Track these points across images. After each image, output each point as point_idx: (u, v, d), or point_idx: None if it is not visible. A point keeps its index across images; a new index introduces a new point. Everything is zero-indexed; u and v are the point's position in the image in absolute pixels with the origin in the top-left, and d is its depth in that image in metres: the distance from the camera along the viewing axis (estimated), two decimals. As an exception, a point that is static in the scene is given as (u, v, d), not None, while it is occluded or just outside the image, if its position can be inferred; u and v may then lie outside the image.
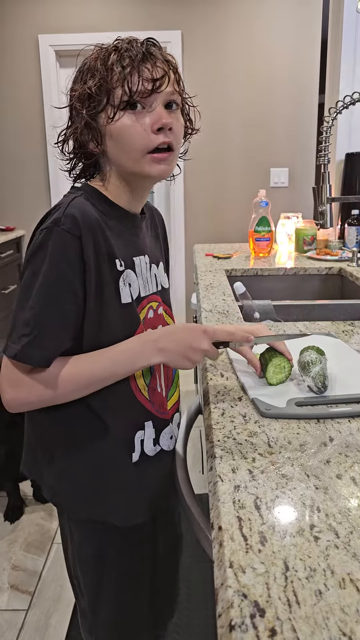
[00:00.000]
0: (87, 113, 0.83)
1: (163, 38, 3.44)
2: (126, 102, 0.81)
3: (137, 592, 1.02)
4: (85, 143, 0.87)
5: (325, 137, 1.65)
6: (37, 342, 0.76)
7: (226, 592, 0.47)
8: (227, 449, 0.71)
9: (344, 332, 1.24)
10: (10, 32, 3.50)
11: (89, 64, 0.85)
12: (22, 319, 0.77)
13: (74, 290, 0.78)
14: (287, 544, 0.52)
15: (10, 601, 1.69)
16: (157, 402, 0.93)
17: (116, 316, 0.84)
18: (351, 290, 1.95)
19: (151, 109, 0.82)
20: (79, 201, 0.81)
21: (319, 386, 0.87)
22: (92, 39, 3.55)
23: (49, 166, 3.68)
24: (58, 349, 0.79)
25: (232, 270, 2.04)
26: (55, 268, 0.76)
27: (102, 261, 0.81)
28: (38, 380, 0.79)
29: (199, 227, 3.74)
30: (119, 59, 0.81)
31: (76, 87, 0.85)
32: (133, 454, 0.90)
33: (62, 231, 0.76)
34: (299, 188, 3.65)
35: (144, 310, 0.92)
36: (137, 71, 0.80)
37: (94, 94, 0.82)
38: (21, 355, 0.76)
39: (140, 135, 0.82)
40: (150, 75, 0.81)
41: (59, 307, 0.77)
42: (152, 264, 0.96)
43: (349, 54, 2.61)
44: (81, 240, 0.77)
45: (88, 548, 0.96)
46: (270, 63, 3.48)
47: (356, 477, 0.63)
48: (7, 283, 3.48)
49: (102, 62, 0.82)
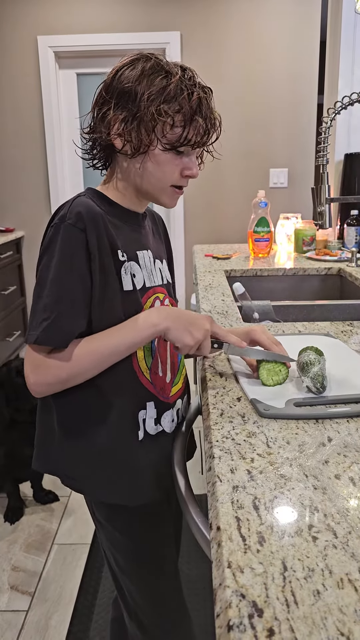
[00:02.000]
0: (154, 114, 0.85)
1: (162, 39, 3.45)
2: (181, 145, 0.88)
3: (166, 572, 1.04)
4: (118, 135, 0.89)
5: (324, 138, 1.66)
6: (56, 324, 0.82)
7: (224, 592, 0.47)
8: (226, 449, 0.71)
9: (343, 332, 1.24)
10: (10, 34, 3.50)
11: (173, 84, 0.85)
12: (41, 306, 0.84)
13: (83, 277, 0.85)
14: (285, 544, 0.52)
15: (10, 602, 1.69)
16: (158, 385, 0.97)
17: (118, 302, 0.89)
18: (350, 291, 1.95)
19: (188, 154, 0.91)
20: (83, 199, 0.88)
21: (317, 387, 0.87)
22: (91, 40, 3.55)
23: (48, 167, 3.68)
24: (74, 330, 0.85)
25: (231, 271, 2.04)
26: (65, 259, 0.84)
27: (105, 251, 0.87)
28: (56, 360, 0.84)
29: (198, 227, 3.74)
30: (199, 108, 0.86)
31: (152, 84, 0.86)
32: (139, 432, 0.94)
33: (68, 226, 0.84)
34: (298, 188, 3.66)
35: (150, 299, 0.97)
36: (204, 125, 0.88)
37: (167, 112, 0.85)
38: (42, 338, 0.82)
39: (172, 175, 0.91)
40: (206, 127, 0.88)
41: (71, 293, 0.84)
42: (156, 259, 1.01)
43: (347, 55, 2.61)
44: (86, 233, 0.84)
45: (114, 527, 1.00)
46: (269, 64, 3.49)
47: (354, 477, 0.64)
48: (7, 284, 3.48)
49: (186, 94, 0.85)
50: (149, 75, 0.85)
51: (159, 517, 1.03)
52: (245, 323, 1.36)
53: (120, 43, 3.45)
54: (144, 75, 0.86)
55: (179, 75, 0.86)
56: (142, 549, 1.01)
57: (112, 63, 0.92)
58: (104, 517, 1.01)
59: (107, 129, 0.89)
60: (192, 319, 0.89)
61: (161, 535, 1.04)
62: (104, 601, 1.65)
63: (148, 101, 0.84)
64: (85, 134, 0.94)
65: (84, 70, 3.64)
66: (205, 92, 0.88)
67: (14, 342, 3.51)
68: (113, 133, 0.89)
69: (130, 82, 0.86)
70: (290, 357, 0.94)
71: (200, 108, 0.86)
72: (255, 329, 0.99)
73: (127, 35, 3.46)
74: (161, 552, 1.03)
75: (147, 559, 1.01)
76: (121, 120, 0.87)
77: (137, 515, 0.99)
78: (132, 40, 3.45)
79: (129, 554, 1.01)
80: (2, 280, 3.41)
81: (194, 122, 0.86)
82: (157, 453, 0.97)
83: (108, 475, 0.94)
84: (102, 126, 0.90)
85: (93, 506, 1.03)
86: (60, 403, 0.93)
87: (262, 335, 0.98)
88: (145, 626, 1.04)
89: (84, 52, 3.53)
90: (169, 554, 1.05)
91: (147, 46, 3.42)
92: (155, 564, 1.02)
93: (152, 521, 1.01)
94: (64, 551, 1.91)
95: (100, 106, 0.90)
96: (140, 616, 1.04)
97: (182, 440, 0.97)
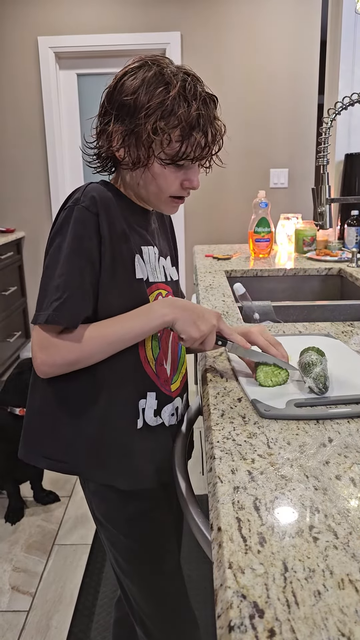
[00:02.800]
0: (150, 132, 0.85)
1: (162, 39, 3.45)
2: (180, 159, 0.87)
3: (168, 574, 1.04)
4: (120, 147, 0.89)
5: (325, 138, 1.66)
6: (67, 305, 0.83)
7: (225, 592, 0.47)
8: (227, 450, 0.71)
9: (343, 332, 1.24)
10: (10, 34, 3.51)
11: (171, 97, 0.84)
12: (53, 285, 0.84)
13: (93, 260, 0.86)
14: (286, 545, 0.52)
15: (11, 602, 1.69)
16: (162, 376, 0.98)
17: (128, 289, 0.90)
18: (351, 291, 1.95)
19: (189, 166, 0.91)
20: (96, 185, 0.90)
21: (320, 387, 0.87)
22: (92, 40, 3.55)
23: (49, 168, 3.68)
24: (83, 312, 0.86)
25: (231, 271, 2.04)
26: (77, 240, 0.85)
27: (117, 237, 0.88)
28: (65, 340, 0.85)
29: (198, 228, 3.74)
30: (198, 123, 0.85)
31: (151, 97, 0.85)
32: (138, 420, 0.94)
33: (82, 208, 0.85)
34: (299, 189, 3.66)
35: (153, 295, 0.97)
36: (204, 140, 0.87)
37: (164, 129, 0.84)
38: (53, 317, 0.83)
39: (171, 187, 0.92)
40: (206, 141, 0.87)
41: (82, 275, 0.85)
42: (161, 257, 1.02)
43: (347, 55, 2.61)
44: (98, 217, 0.85)
45: (114, 526, 1.00)
46: (269, 64, 3.49)
47: (355, 478, 0.64)
48: (7, 285, 3.48)
49: (183, 109, 0.84)
50: (148, 87, 0.85)
51: (159, 517, 1.03)
52: (246, 323, 1.36)
53: (120, 44, 3.46)
54: (144, 86, 0.85)
55: (177, 87, 0.84)
56: (142, 549, 1.00)
57: (112, 64, 0.93)
58: (103, 515, 1.01)
59: (108, 141, 0.90)
60: (201, 313, 0.90)
61: (162, 536, 1.03)
62: (105, 602, 1.65)
63: (145, 117, 0.84)
64: (90, 143, 0.94)
65: (85, 71, 3.65)
66: (207, 103, 0.87)
67: (14, 342, 3.51)
68: (114, 146, 0.89)
69: (129, 94, 0.86)
70: (290, 365, 0.94)
71: (199, 123, 0.85)
72: (253, 330, 0.98)
73: (127, 36, 3.46)
74: (162, 553, 1.03)
75: (147, 559, 1.01)
76: (120, 134, 0.88)
77: (137, 514, 0.99)
78: (133, 40, 3.45)
79: (129, 555, 1.01)
80: (3, 281, 3.41)
81: (192, 137, 0.86)
82: (154, 444, 0.97)
83: (103, 457, 0.93)
84: (104, 138, 0.90)
85: (92, 505, 1.02)
86: (60, 386, 0.92)
87: (259, 337, 0.97)
88: (150, 631, 1.04)
89: (85, 52, 3.53)
90: (170, 556, 1.05)
91: (148, 47, 3.42)
92: (156, 565, 1.02)
93: (152, 521, 1.01)
94: (64, 552, 1.91)
95: (103, 117, 0.91)
96: (145, 619, 1.04)
97: (182, 440, 0.97)
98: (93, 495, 1.01)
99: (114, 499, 0.97)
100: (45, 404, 0.95)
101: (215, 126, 0.89)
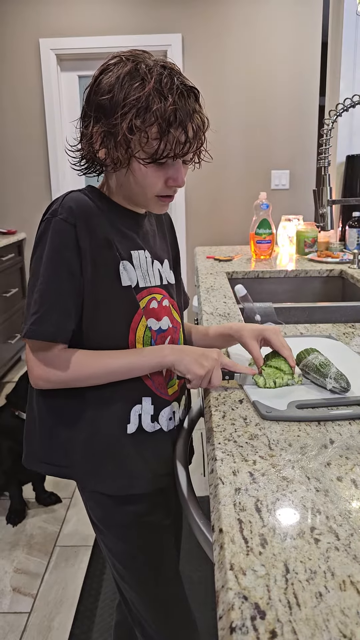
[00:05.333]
0: (126, 132, 0.82)
1: (163, 41, 3.46)
2: (160, 158, 0.84)
3: (167, 578, 1.03)
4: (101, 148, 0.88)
5: (326, 140, 1.66)
6: (44, 318, 0.84)
7: (227, 594, 0.47)
8: (228, 451, 0.71)
9: (344, 334, 1.24)
10: (11, 36, 3.51)
11: (145, 94, 0.81)
12: (32, 300, 0.85)
13: (73, 271, 0.85)
14: (287, 546, 0.52)
15: (12, 604, 1.69)
16: (157, 380, 0.96)
17: (114, 298, 0.89)
18: (352, 293, 1.95)
19: (172, 163, 0.88)
20: (75, 194, 0.89)
21: (342, 385, 0.87)
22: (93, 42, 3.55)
23: (50, 169, 3.68)
24: (64, 325, 0.86)
25: (233, 273, 2.04)
26: (55, 253, 0.84)
27: (99, 245, 0.87)
28: (62, 361, 0.87)
29: (200, 229, 3.74)
30: (175, 118, 0.81)
31: (126, 95, 0.82)
32: (128, 426, 0.93)
33: (59, 220, 0.84)
34: (300, 190, 3.66)
35: (145, 299, 0.95)
36: (183, 136, 0.83)
37: (140, 128, 0.82)
38: (30, 332, 0.84)
39: (155, 186, 0.89)
40: (186, 137, 0.84)
41: (60, 287, 0.85)
42: (155, 260, 0.99)
43: (349, 57, 2.61)
44: (76, 228, 0.85)
45: (110, 530, 1.00)
46: (270, 66, 3.49)
47: (357, 480, 0.64)
48: (9, 286, 3.48)
49: (159, 105, 0.81)
50: (122, 84, 0.82)
51: (157, 522, 1.01)
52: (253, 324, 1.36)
53: (121, 45, 3.45)
54: (118, 83, 0.82)
55: (152, 82, 0.80)
56: (139, 553, 0.99)
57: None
58: (99, 519, 1.00)
59: (89, 144, 0.88)
60: (200, 352, 0.90)
61: (159, 541, 1.02)
62: (106, 603, 1.65)
63: (121, 116, 0.81)
64: (73, 146, 0.93)
65: (86, 73, 3.65)
66: (185, 96, 0.82)
67: (15, 344, 3.51)
68: (95, 148, 0.88)
69: (105, 93, 0.83)
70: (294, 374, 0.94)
71: (176, 118, 0.81)
72: (269, 328, 0.97)
73: (128, 38, 3.46)
74: (160, 558, 1.02)
75: (145, 564, 1.00)
76: (100, 135, 0.86)
77: (133, 519, 0.98)
78: (134, 42, 3.46)
79: (127, 559, 1.00)
80: (4, 283, 3.41)
81: (170, 134, 0.82)
82: (151, 450, 0.96)
83: (94, 463, 0.93)
84: (85, 141, 0.89)
85: (89, 508, 1.02)
86: (54, 393, 0.93)
87: (274, 336, 0.96)
88: (149, 634, 1.03)
89: (86, 54, 3.54)
90: (169, 560, 1.03)
91: (149, 49, 3.35)
92: (154, 570, 1.01)
93: (149, 525, 0.99)
94: (66, 553, 1.91)
95: (83, 119, 0.89)
96: (144, 624, 1.03)
97: (184, 442, 0.97)
98: (88, 499, 1.01)
99: (109, 503, 0.97)
100: (42, 410, 0.96)
101: (196, 120, 0.84)
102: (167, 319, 0.98)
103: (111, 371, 0.89)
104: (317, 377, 0.90)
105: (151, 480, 0.96)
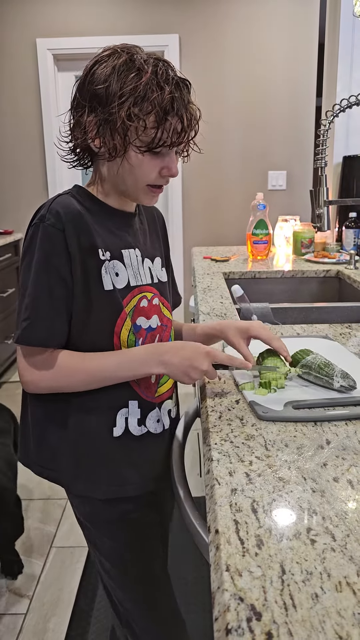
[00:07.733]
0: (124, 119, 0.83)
1: (161, 42, 3.46)
2: (156, 146, 0.85)
3: (155, 576, 1.02)
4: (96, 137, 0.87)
5: (323, 140, 1.66)
6: (35, 323, 0.84)
7: (223, 595, 0.47)
8: (224, 452, 0.71)
9: (341, 334, 1.24)
10: (8, 36, 3.51)
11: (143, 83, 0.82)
12: (22, 306, 0.86)
13: (63, 277, 0.85)
14: (283, 548, 0.52)
15: (8, 605, 1.68)
16: (143, 383, 0.96)
17: (100, 301, 0.89)
18: (349, 293, 1.95)
19: (167, 153, 0.89)
20: (63, 198, 0.89)
21: (351, 384, 0.87)
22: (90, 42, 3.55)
23: (47, 169, 3.68)
24: (56, 331, 0.87)
25: (230, 273, 2.04)
26: (44, 260, 0.84)
27: (85, 251, 0.87)
28: (51, 368, 0.86)
29: (197, 229, 3.74)
30: (172, 107, 0.83)
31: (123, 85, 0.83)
32: (114, 429, 0.93)
33: (47, 226, 0.84)
34: (297, 191, 3.66)
35: (135, 298, 0.95)
36: (180, 124, 0.85)
37: (138, 115, 0.82)
38: (22, 338, 0.85)
39: (150, 175, 0.89)
40: (182, 126, 0.85)
41: (50, 293, 0.85)
42: (146, 258, 0.99)
43: (345, 58, 2.62)
44: (64, 233, 0.85)
45: (96, 528, 0.99)
46: (267, 66, 3.49)
47: (353, 480, 0.63)
48: (6, 286, 3.47)
49: (157, 94, 0.82)
50: (119, 74, 0.83)
51: (144, 520, 1.00)
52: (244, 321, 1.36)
53: (119, 46, 3.46)
54: (115, 73, 0.83)
55: (149, 73, 0.82)
56: (126, 551, 0.99)
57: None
58: (86, 518, 1.00)
59: (83, 133, 0.88)
60: (191, 361, 0.87)
61: (147, 539, 1.01)
62: (102, 604, 1.65)
63: (119, 105, 0.82)
64: (64, 138, 0.92)
65: (83, 73, 3.65)
66: (180, 87, 0.84)
67: (12, 344, 3.50)
68: (89, 137, 0.87)
69: (101, 83, 0.84)
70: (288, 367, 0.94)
71: (173, 107, 0.83)
72: (254, 324, 0.98)
73: (125, 38, 3.45)
74: (147, 556, 1.01)
75: (132, 562, 0.99)
76: (95, 124, 0.86)
77: (120, 517, 0.97)
78: (131, 42, 3.45)
79: (113, 557, 0.99)
80: (1, 283, 3.40)
81: (167, 122, 0.83)
82: (140, 453, 0.95)
83: (81, 467, 0.93)
84: (78, 131, 0.89)
85: (74, 505, 1.02)
86: (44, 397, 0.93)
87: (262, 331, 0.96)
88: (137, 633, 1.02)
89: (83, 54, 3.53)
90: (156, 558, 1.03)
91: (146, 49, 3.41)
92: (142, 568, 1.00)
93: (136, 524, 0.99)
94: (62, 554, 1.90)
95: (75, 110, 0.89)
96: (131, 623, 1.02)
97: (179, 444, 0.96)
98: (74, 497, 1.00)
99: (97, 502, 0.96)
100: (33, 414, 0.96)
101: (190, 110, 0.86)
102: (156, 317, 0.98)
103: (101, 379, 0.89)
104: (320, 377, 0.90)
105: (140, 484, 0.96)
